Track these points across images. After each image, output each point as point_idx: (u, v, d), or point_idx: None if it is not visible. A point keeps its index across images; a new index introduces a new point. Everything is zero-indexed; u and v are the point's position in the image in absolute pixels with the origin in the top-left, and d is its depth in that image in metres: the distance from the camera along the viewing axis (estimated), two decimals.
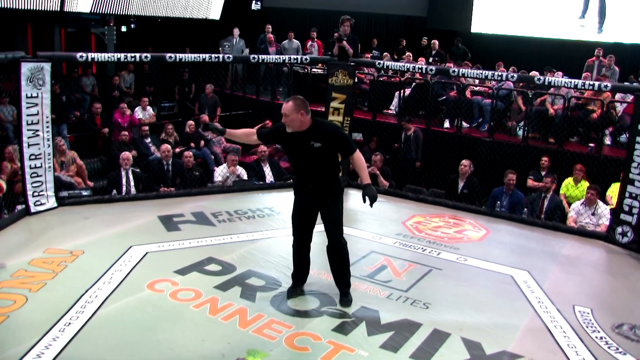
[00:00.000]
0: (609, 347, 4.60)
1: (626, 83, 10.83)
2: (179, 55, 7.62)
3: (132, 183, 8.26)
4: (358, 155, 4.86)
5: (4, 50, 6.67)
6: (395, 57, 14.22)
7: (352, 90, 8.56)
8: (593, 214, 7.53)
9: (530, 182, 8.77)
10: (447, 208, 7.95)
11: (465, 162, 8.51)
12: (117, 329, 4.46)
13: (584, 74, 11.56)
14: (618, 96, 9.81)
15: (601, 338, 4.73)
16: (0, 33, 13.25)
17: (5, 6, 11.25)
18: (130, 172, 8.28)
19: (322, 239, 6.60)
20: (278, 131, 4.86)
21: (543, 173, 8.71)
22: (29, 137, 6.67)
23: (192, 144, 10.54)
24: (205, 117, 10.07)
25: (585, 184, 8.24)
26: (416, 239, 6.71)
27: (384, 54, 13.93)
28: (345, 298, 5.02)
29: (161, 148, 8.80)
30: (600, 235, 7.14)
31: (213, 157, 10.55)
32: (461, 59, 13.53)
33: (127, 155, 8.35)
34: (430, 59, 13.38)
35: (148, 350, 4.21)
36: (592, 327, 4.91)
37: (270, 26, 14.17)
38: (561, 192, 8.49)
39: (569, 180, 8.53)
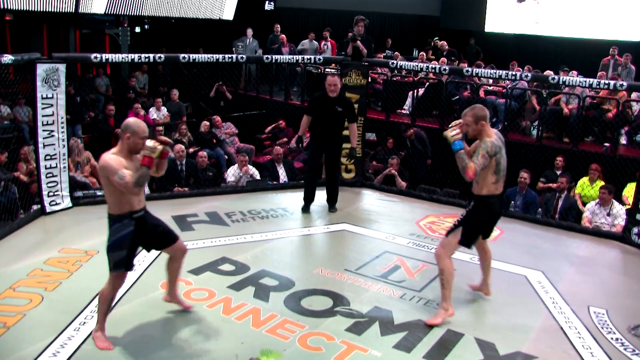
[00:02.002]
0: (624, 349, 4.56)
1: None
2: (193, 56, 7.64)
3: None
4: (355, 125, 7.38)
5: (20, 52, 6.74)
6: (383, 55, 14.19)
7: (366, 90, 8.55)
8: (608, 214, 7.48)
9: (540, 185, 8.69)
10: (461, 208, 7.88)
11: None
12: (131, 329, 4.48)
13: (599, 73, 11.48)
14: (634, 95, 9.73)
15: (617, 339, 4.69)
16: (16, 35, 13.39)
17: (22, 8, 11.36)
18: None
19: (335, 239, 6.63)
20: (314, 102, 7.14)
21: (558, 173, 8.64)
22: (44, 138, 6.72)
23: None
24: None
25: (600, 184, 8.18)
26: (430, 239, 6.69)
27: (395, 53, 13.92)
28: (334, 209, 7.39)
29: (175, 148, 8.82)
30: (615, 236, 7.08)
31: (226, 157, 10.58)
32: (474, 59, 13.49)
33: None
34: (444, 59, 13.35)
35: (161, 350, 4.23)
36: (607, 328, 4.87)
37: (279, 26, 14.18)
38: (576, 191, 8.43)
39: (584, 180, 8.47)
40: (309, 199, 7.35)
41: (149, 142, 4.10)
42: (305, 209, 7.35)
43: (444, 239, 4.86)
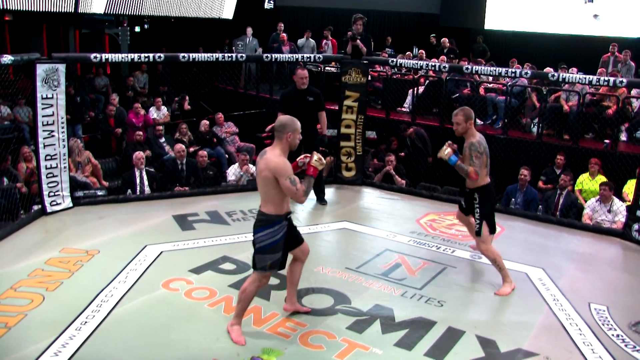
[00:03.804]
0: (625, 345, 4.56)
1: None
2: (193, 55, 7.65)
3: (146, 182, 8.30)
4: (324, 114, 7.45)
5: (20, 52, 6.75)
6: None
7: (366, 88, 8.55)
8: (609, 211, 7.48)
9: (541, 185, 8.69)
10: None
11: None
12: (133, 328, 4.50)
13: (599, 70, 11.46)
14: (634, 92, 9.72)
15: (617, 336, 4.70)
16: (16, 35, 13.39)
17: (21, 8, 11.35)
18: (144, 172, 8.32)
19: (335, 237, 6.63)
20: (285, 97, 7.35)
21: (558, 171, 8.64)
22: (44, 138, 6.73)
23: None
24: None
25: (601, 178, 8.17)
26: (430, 237, 6.70)
27: (407, 53, 13.91)
28: (324, 201, 7.65)
29: (175, 148, 8.83)
30: (616, 232, 7.08)
31: (227, 156, 10.57)
32: (481, 57, 13.51)
33: (141, 155, 8.40)
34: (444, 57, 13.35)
35: (163, 349, 4.24)
36: (608, 324, 4.87)
37: (282, 25, 14.17)
38: (577, 187, 8.42)
39: (585, 175, 8.46)
40: (316, 192, 7.59)
41: (316, 155, 4.25)
42: (321, 201, 7.69)
43: (478, 238, 5.41)
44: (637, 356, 4.42)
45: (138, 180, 8.27)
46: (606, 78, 7.51)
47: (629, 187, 7.93)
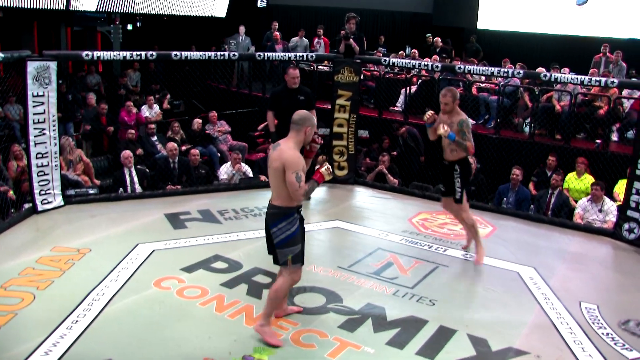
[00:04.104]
0: (615, 344, 4.59)
1: (633, 79, 10.78)
2: (185, 53, 7.63)
3: (136, 181, 8.29)
4: (314, 113, 6.94)
5: (11, 50, 6.72)
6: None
7: (358, 87, 8.55)
8: (600, 211, 7.51)
9: (532, 187, 8.70)
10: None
11: (470, 159, 8.48)
12: (124, 327, 4.48)
13: (590, 70, 11.51)
14: (625, 92, 9.77)
15: (607, 334, 4.72)
16: (6, 32, 13.29)
17: (12, 5, 11.29)
18: (133, 170, 8.31)
19: (328, 236, 6.64)
20: (276, 96, 7.28)
21: (549, 173, 8.65)
22: (35, 136, 6.70)
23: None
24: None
25: (588, 177, 8.21)
26: (422, 236, 6.71)
27: (413, 51, 13.93)
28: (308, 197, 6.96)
29: (167, 146, 8.81)
30: (607, 232, 7.12)
31: (219, 154, 10.55)
32: (474, 57, 13.54)
33: (129, 154, 8.38)
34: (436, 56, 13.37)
35: (155, 348, 4.23)
36: (598, 323, 4.90)
37: (276, 23, 14.15)
38: (564, 186, 8.44)
39: (572, 174, 8.49)
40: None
41: (327, 165, 4.35)
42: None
43: (459, 206, 5.86)
44: (627, 354, 4.45)
45: (128, 179, 8.25)
46: (598, 78, 7.55)
47: (620, 187, 7.97)
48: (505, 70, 8.49)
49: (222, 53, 8.24)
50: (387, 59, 9.25)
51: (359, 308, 4.90)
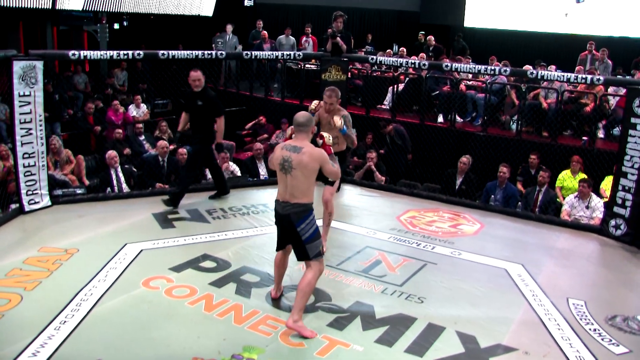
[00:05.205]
0: (602, 339, 4.63)
1: (619, 77, 10.84)
2: (172, 52, 7.62)
3: (122, 180, 8.26)
4: (222, 120, 7.24)
5: None
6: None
7: (346, 85, 8.56)
8: (587, 207, 7.56)
9: (520, 186, 8.73)
10: (441, 202, 7.96)
11: (464, 159, 8.52)
12: (113, 327, 4.47)
13: (577, 68, 11.57)
14: (611, 89, 9.83)
15: (595, 330, 4.76)
16: None
17: None
18: (119, 170, 8.29)
19: None
20: (183, 97, 7.47)
21: (532, 171, 8.68)
22: (22, 136, 6.66)
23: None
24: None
25: (582, 176, 8.25)
26: (410, 234, 6.73)
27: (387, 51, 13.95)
28: (220, 197, 7.55)
29: (158, 144, 8.80)
30: (593, 228, 7.17)
31: None
32: (461, 55, 13.58)
33: (114, 154, 8.37)
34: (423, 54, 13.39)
35: (144, 348, 4.22)
36: (585, 319, 4.93)
37: (261, 22, 14.13)
38: (558, 184, 8.48)
39: (566, 172, 8.53)
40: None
41: (327, 134, 4.99)
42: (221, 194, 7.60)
43: (331, 188, 5.91)
44: (614, 349, 4.49)
45: (115, 179, 8.22)
46: (584, 76, 7.59)
47: (606, 184, 8.02)
48: (492, 67, 8.51)
49: (209, 52, 8.22)
50: (375, 57, 9.27)
51: (347, 306, 4.91)
